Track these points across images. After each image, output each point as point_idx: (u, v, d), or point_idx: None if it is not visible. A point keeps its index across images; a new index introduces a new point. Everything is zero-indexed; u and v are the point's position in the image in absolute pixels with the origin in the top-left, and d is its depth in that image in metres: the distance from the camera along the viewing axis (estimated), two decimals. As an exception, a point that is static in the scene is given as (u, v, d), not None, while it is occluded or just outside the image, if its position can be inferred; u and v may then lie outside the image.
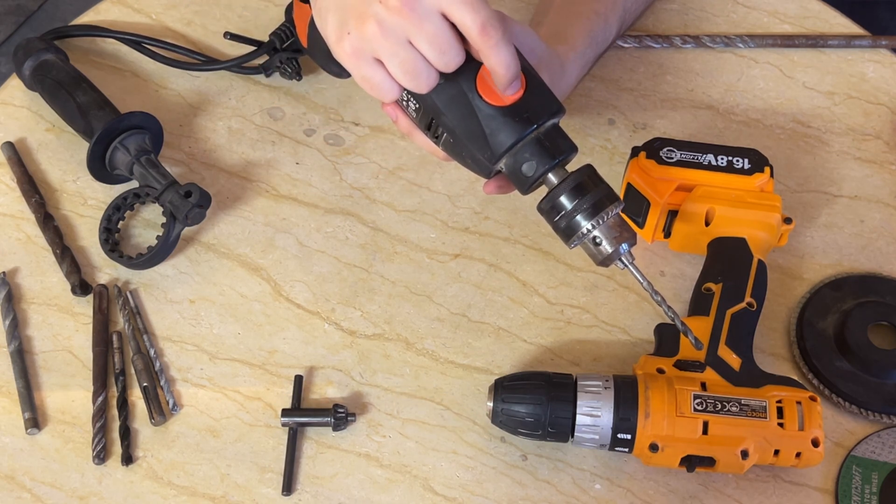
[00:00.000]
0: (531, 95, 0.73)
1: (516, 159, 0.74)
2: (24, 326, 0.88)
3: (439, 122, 0.74)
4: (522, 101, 0.73)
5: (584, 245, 0.75)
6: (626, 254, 0.75)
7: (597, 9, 0.94)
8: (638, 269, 0.75)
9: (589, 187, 0.73)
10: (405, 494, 0.81)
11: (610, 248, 0.74)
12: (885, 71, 1.03)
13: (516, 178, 0.75)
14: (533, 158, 0.73)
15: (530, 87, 0.73)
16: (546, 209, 0.75)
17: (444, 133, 0.75)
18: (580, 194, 0.73)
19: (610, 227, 0.74)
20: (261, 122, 0.99)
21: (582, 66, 0.92)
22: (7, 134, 0.98)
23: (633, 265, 0.75)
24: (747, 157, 0.88)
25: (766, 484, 0.82)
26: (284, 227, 0.94)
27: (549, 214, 0.75)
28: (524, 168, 0.74)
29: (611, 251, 0.74)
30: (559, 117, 0.74)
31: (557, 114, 0.74)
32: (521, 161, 0.74)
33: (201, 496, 0.81)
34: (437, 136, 0.76)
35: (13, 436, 0.83)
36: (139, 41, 1.02)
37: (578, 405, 0.78)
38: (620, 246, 0.74)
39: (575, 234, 0.74)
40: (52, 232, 0.92)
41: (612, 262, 0.75)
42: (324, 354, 0.87)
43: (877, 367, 0.84)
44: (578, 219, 0.73)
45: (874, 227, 0.94)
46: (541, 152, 0.73)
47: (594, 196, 0.73)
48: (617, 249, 0.74)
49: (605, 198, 0.73)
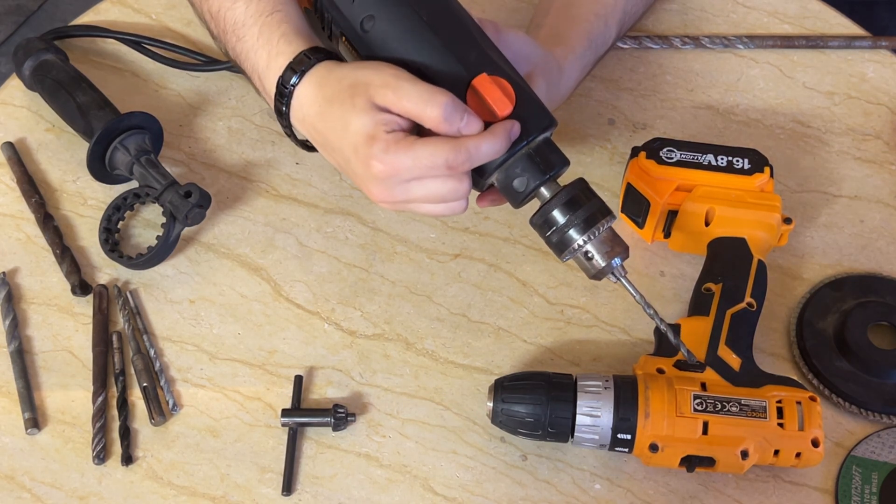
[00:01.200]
0: (521, 111, 0.73)
1: (507, 175, 0.74)
2: (24, 326, 0.88)
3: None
4: (512, 117, 0.73)
5: (577, 259, 0.75)
6: (618, 268, 0.75)
7: (597, 11, 0.94)
8: (631, 282, 0.76)
9: (581, 202, 0.73)
10: (405, 494, 0.81)
11: (602, 262, 0.74)
12: (885, 71, 1.03)
13: (508, 192, 0.75)
14: (524, 174, 0.74)
15: (521, 102, 0.73)
16: (538, 224, 0.75)
17: None
18: (572, 209, 0.73)
19: (602, 242, 0.74)
20: (261, 122, 0.99)
21: (581, 69, 0.92)
22: (7, 134, 0.98)
23: (625, 279, 0.75)
24: (747, 157, 0.88)
25: (766, 484, 0.82)
26: (284, 227, 0.94)
27: (542, 229, 0.75)
28: (515, 183, 0.74)
29: (603, 265, 0.74)
30: (550, 131, 0.74)
31: (549, 128, 0.74)
32: (513, 176, 0.74)
33: (201, 496, 0.81)
34: None
35: (13, 436, 0.83)
36: (139, 41, 1.02)
37: (578, 405, 0.78)
38: (612, 260, 0.74)
39: (567, 249, 0.74)
40: (52, 232, 0.92)
41: (604, 276, 0.75)
42: (324, 354, 0.87)
43: (877, 367, 0.84)
44: (570, 233, 0.73)
45: (874, 227, 0.94)
46: (532, 168, 0.73)
47: (586, 211, 0.73)
48: (609, 264, 0.74)
49: (597, 212, 0.73)
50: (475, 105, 0.73)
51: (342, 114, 0.75)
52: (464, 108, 0.72)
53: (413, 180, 0.74)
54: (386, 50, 0.75)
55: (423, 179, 0.74)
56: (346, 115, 0.74)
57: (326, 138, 0.78)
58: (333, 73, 0.77)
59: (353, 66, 0.76)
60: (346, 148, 0.75)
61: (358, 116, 0.74)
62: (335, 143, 0.77)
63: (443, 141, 0.72)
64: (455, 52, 0.74)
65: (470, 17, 0.77)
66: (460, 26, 0.75)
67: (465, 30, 0.75)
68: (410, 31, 0.75)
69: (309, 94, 0.77)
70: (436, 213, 0.77)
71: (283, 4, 0.82)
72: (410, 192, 0.75)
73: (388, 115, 0.73)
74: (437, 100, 0.71)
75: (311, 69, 0.77)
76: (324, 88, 0.76)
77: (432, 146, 0.72)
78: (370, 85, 0.73)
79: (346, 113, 0.74)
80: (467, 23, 0.76)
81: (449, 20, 0.75)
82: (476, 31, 0.76)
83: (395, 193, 0.75)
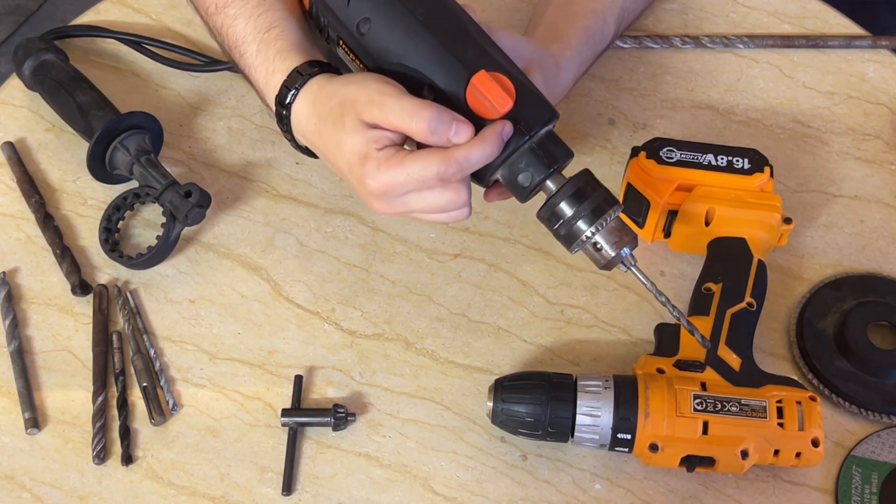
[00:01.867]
0: (522, 106, 0.73)
1: (511, 170, 0.74)
2: (24, 326, 0.88)
3: None
4: (513, 113, 0.72)
5: (586, 250, 0.75)
6: (627, 257, 0.75)
7: (594, 7, 0.94)
8: (641, 271, 0.75)
9: (587, 193, 0.73)
10: (405, 494, 0.81)
11: (612, 252, 0.74)
12: (885, 71, 1.03)
13: (513, 187, 0.75)
14: (528, 168, 0.73)
15: (521, 97, 0.73)
16: (545, 217, 0.75)
17: None
18: (578, 201, 0.73)
19: (610, 232, 0.74)
20: (261, 122, 0.99)
21: (579, 66, 0.92)
22: (7, 134, 0.98)
23: (635, 267, 0.75)
24: (747, 157, 0.88)
25: (766, 484, 0.82)
26: (284, 227, 0.94)
27: (549, 222, 0.75)
28: (520, 178, 0.74)
29: (613, 255, 0.74)
30: (552, 124, 0.74)
31: (550, 121, 0.74)
32: (517, 172, 0.74)
33: (201, 496, 0.81)
34: None
35: (13, 436, 0.83)
36: (139, 41, 1.02)
37: (578, 405, 0.78)
38: (622, 250, 0.74)
39: (576, 241, 0.74)
40: (52, 232, 0.92)
41: (614, 266, 0.75)
42: (324, 354, 0.87)
43: (877, 367, 0.84)
44: (578, 225, 0.73)
45: (874, 227, 0.94)
46: (536, 162, 0.73)
47: (592, 202, 0.73)
48: (619, 253, 0.74)
49: (603, 202, 0.73)
50: (476, 102, 0.73)
51: (334, 133, 0.76)
52: (451, 117, 0.72)
53: (409, 193, 0.74)
54: (383, 52, 0.75)
55: (420, 192, 0.74)
56: (338, 135, 0.75)
57: (324, 154, 0.79)
58: (325, 89, 0.77)
59: (342, 82, 0.77)
60: (342, 165, 0.76)
61: (349, 136, 0.74)
62: (332, 160, 0.78)
63: (433, 153, 0.72)
64: (453, 50, 0.74)
65: (466, 14, 0.77)
66: (457, 24, 0.75)
67: (462, 28, 0.75)
68: (407, 32, 0.74)
69: (304, 111, 0.78)
70: (440, 221, 0.78)
71: (281, 19, 0.83)
72: (409, 204, 0.75)
73: (378, 131, 0.74)
74: (422, 114, 0.71)
75: (304, 86, 0.78)
76: (317, 106, 0.77)
77: (423, 160, 0.72)
78: (356, 102, 0.74)
79: (338, 133, 0.75)
80: (464, 20, 0.76)
81: (445, 19, 0.75)
82: (473, 28, 0.76)
83: (395, 206, 0.76)
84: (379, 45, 0.76)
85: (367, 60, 0.77)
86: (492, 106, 0.72)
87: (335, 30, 0.78)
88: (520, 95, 0.73)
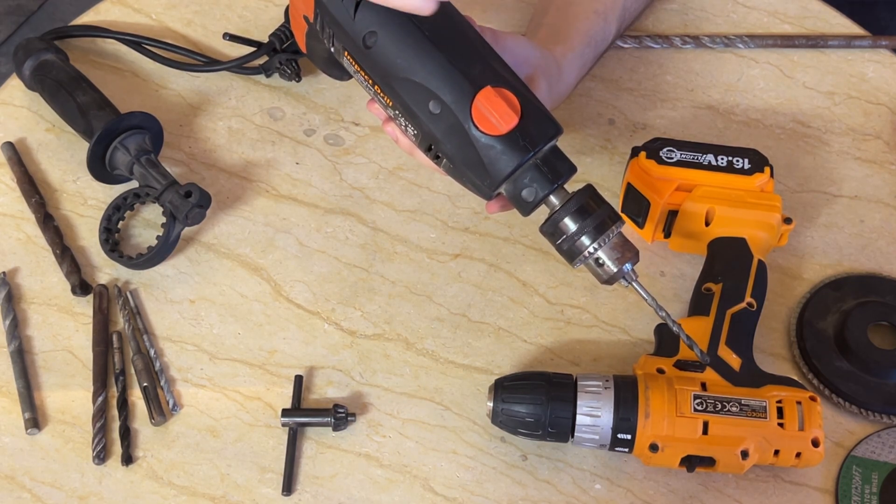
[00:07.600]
0: (527, 121, 0.73)
1: (516, 185, 0.74)
2: (24, 326, 0.88)
3: (438, 148, 0.74)
4: (518, 129, 0.72)
5: (588, 265, 0.75)
6: (629, 272, 0.75)
7: (595, 8, 0.94)
8: (642, 286, 0.76)
9: (590, 209, 0.73)
10: (405, 494, 0.81)
11: (614, 268, 0.74)
12: (885, 71, 1.03)
13: (517, 202, 0.75)
14: (532, 184, 0.74)
15: (526, 113, 0.73)
16: (549, 232, 0.75)
17: (444, 158, 0.75)
18: (582, 217, 0.73)
19: (613, 248, 0.74)
20: (261, 122, 0.99)
21: (580, 67, 0.92)
22: (7, 134, 0.98)
23: (637, 283, 0.75)
24: (747, 157, 0.88)
25: (766, 484, 0.82)
26: (284, 227, 0.94)
27: (552, 237, 0.75)
28: (524, 193, 0.74)
29: (615, 271, 0.74)
30: (556, 139, 0.74)
31: (555, 137, 0.74)
32: (521, 187, 0.74)
33: (201, 496, 0.81)
34: (437, 157, 0.76)
35: (13, 436, 0.83)
36: (139, 41, 1.02)
37: (578, 405, 0.78)
38: (624, 266, 0.74)
39: (578, 256, 0.74)
40: (52, 232, 0.92)
41: (616, 281, 0.75)
42: (324, 354, 0.87)
43: (877, 367, 0.84)
44: (581, 241, 0.74)
45: (874, 227, 0.94)
46: (540, 177, 0.73)
47: (595, 218, 0.73)
48: (621, 269, 0.74)
49: (606, 219, 0.74)
50: (481, 118, 0.73)
51: None
52: None
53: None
54: (390, 66, 0.75)
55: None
56: None
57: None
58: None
59: None
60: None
61: None
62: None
63: None
64: (459, 66, 0.73)
65: (472, 28, 0.76)
66: (463, 39, 0.75)
67: (468, 42, 0.75)
68: (413, 46, 0.74)
69: None
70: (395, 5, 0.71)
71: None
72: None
73: None
74: None
75: None
76: None
77: None
78: None
79: None
80: (470, 35, 0.76)
81: (451, 34, 0.75)
82: (479, 43, 0.76)
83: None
84: (385, 58, 0.75)
85: (373, 73, 0.77)
86: (497, 122, 0.72)
87: (341, 41, 0.78)
88: (525, 111, 0.73)
